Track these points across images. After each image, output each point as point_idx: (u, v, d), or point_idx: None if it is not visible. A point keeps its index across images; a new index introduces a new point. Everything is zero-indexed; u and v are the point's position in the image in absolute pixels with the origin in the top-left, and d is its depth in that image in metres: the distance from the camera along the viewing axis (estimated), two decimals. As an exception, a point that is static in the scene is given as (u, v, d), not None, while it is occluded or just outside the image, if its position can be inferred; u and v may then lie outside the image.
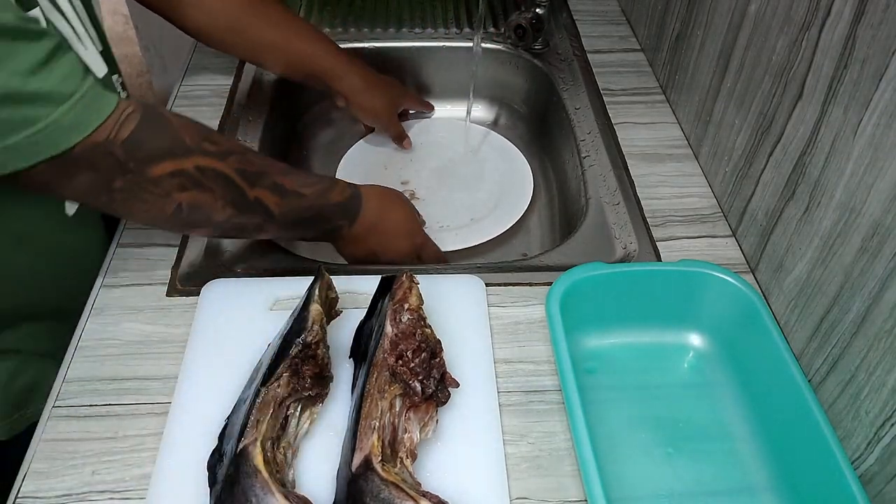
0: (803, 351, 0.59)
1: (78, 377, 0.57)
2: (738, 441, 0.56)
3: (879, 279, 0.49)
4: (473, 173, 0.93)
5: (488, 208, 0.87)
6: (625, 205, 0.74)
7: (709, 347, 0.62)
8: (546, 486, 0.51)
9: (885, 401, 0.49)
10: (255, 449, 0.46)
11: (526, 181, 0.90)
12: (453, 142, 0.97)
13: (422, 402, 0.50)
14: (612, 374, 0.60)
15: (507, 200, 0.87)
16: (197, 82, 0.89)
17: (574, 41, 1.00)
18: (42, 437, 0.53)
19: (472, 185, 0.92)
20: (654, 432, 0.56)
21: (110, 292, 0.63)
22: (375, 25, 1.02)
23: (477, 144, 0.97)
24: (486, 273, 0.66)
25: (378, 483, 0.45)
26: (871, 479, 0.50)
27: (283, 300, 0.61)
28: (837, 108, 0.54)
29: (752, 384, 0.58)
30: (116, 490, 0.50)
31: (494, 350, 0.59)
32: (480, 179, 0.92)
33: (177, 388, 0.55)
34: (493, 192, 0.90)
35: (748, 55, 0.68)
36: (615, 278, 0.60)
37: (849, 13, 0.53)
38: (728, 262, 0.69)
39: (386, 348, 0.51)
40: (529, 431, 0.55)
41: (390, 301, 0.54)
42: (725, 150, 0.73)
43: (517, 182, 0.90)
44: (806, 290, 0.59)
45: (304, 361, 0.51)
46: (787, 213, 0.62)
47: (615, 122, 0.86)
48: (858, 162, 0.52)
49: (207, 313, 0.60)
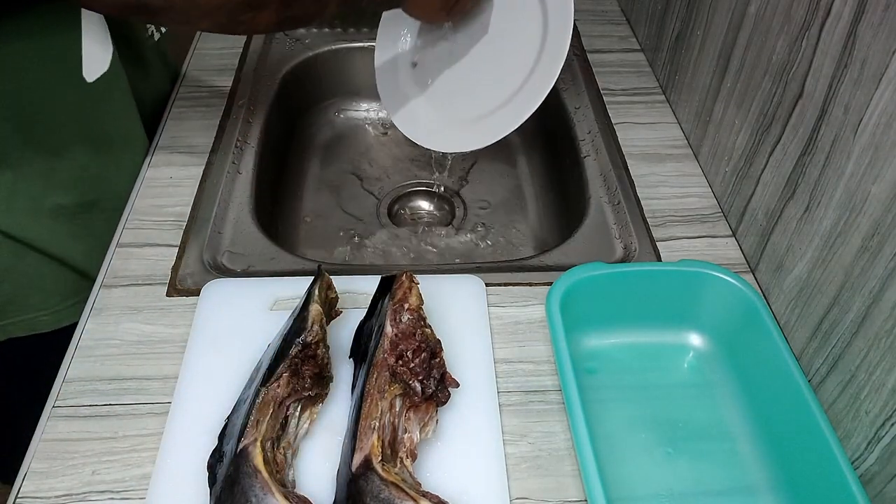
0: (803, 351, 0.59)
1: (78, 377, 0.57)
2: (738, 441, 0.56)
3: (879, 279, 0.49)
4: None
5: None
6: (625, 205, 0.74)
7: (709, 347, 0.62)
8: (546, 486, 0.51)
9: (885, 401, 0.49)
10: (255, 449, 0.46)
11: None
12: None
13: (422, 402, 0.50)
14: (612, 374, 0.60)
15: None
16: (197, 82, 0.89)
17: (574, 41, 1.00)
18: (42, 437, 0.53)
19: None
20: (654, 432, 0.56)
21: (110, 292, 0.63)
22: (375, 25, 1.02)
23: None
24: (486, 273, 0.66)
25: (378, 483, 0.45)
26: (871, 479, 0.50)
27: (283, 300, 0.61)
28: (837, 108, 0.54)
29: (752, 384, 0.58)
30: (116, 490, 0.50)
31: (494, 350, 0.59)
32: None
33: (177, 388, 0.55)
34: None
35: (748, 55, 0.68)
36: (615, 278, 0.60)
37: (849, 13, 0.53)
38: (728, 262, 0.69)
39: (386, 348, 0.51)
40: (529, 431, 0.55)
41: (390, 301, 0.54)
42: (725, 150, 0.73)
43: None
44: (806, 290, 0.59)
45: (304, 361, 0.51)
46: (787, 213, 0.62)
47: (615, 122, 0.86)
48: (858, 162, 0.52)
49: (207, 313, 0.60)
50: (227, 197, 0.74)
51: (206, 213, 0.71)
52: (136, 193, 0.73)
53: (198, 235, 0.69)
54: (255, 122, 0.84)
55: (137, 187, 0.74)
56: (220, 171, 0.76)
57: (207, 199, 0.73)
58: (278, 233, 0.82)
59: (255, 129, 0.83)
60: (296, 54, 0.96)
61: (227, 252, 0.68)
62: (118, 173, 0.73)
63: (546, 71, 0.71)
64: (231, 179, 0.76)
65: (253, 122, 0.84)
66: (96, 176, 0.70)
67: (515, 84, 0.73)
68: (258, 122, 0.84)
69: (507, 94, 0.73)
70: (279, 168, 0.89)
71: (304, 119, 1.00)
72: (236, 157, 0.79)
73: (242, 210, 0.73)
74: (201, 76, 0.90)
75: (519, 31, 0.75)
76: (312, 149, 0.99)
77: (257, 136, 0.82)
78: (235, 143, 0.80)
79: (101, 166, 0.70)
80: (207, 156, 0.78)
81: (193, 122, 0.83)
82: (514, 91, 0.73)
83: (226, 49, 0.95)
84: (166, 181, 0.75)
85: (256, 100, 0.87)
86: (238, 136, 0.81)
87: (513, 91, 0.73)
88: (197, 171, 0.76)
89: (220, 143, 0.80)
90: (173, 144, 0.79)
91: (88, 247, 0.70)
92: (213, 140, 0.80)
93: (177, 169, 0.76)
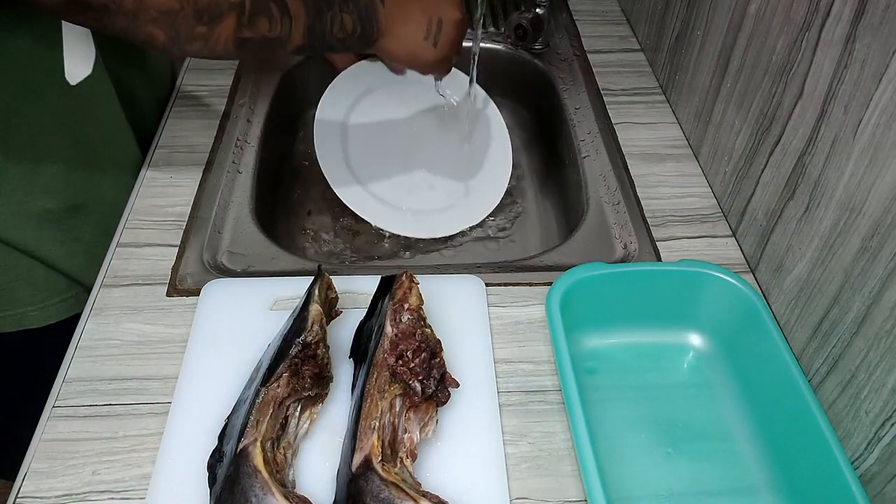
0: (803, 351, 0.59)
1: (78, 377, 0.57)
2: (738, 441, 0.56)
3: (879, 279, 0.49)
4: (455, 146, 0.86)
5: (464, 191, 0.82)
6: (625, 205, 0.74)
7: (709, 347, 0.62)
8: (546, 486, 0.51)
9: (885, 401, 0.49)
10: (255, 449, 0.46)
11: (506, 157, 0.83)
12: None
13: (422, 402, 0.50)
14: (612, 374, 0.60)
15: (486, 180, 0.82)
16: (197, 82, 0.89)
17: (574, 41, 1.00)
18: (42, 437, 0.53)
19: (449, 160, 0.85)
20: (654, 432, 0.56)
21: (110, 292, 0.63)
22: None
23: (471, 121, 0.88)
24: (486, 273, 0.66)
25: (378, 483, 0.45)
26: (871, 479, 0.50)
27: (283, 300, 0.61)
28: (837, 108, 0.54)
29: (752, 384, 0.58)
30: (116, 490, 0.50)
31: (494, 350, 0.59)
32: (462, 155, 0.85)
33: (177, 388, 0.55)
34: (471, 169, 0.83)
35: (748, 55, 0.68)
36: (615, 278, 0.60)
37: (849, 13, 0.53)
38: (728, 262, 0.69)
39: (386, 348, 0.51)
40: (529, 431, 0.55)
41: (390, 301, 0.54)
42: (725, 150, 0.73)
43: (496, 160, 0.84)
44: (806, 290, 0.59)
45: (304, 361, 0.51)
46: (787, 213, 0.62)
47: (615, 122, 0.86)
48: (858, 162, 0.52)
49: (207, 313, 0.60)
50: (227, 197, 0.74)
51: (206, 213, 0.71)
52: (136, 193, 0.73)
53: (198, 235, 0.69)
54: (254, 122, 0.84)
55: (137, 187, 0.74)
56: (220, 171, 0.76)
57: (207, 199, 0.73)
58: (278, 233, 0.82)
59: (255, 129, 0.83)
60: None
61: (227, 252, 0.68)
62: (105, 179, 0.72)
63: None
64: (231, 179, 0.76)
65: (253, 122, 0.84)
66: (82, 181, 0.69)
67: (459, 191, 0.81)
68: (258, 122, 0.84)
69: (451, 200, 0.81)
70: (279, 168, 0.89)
71: (304, 119, 1.00)
72: (236, 157, 0.79)
73: (242, 210, 0.73)
74: (201, 76, 0.90)
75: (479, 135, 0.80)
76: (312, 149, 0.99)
77: (257, 136, 0.82)
78: (235, 143, 0.80)
79: (87, 171, 0.70)
80: (207, 156, 0.78)
81: (193, 122, 0.83)
82: (459, 197, 0.81)
83: (226, 49, 0.95)
84: (166, 181, 0.75)
85: (256, 100, 0.87)
86: (238, 136, 0.81)
87: (457, 197, 0.81)
88: (197, 171, 0.76)
89: (220, 143, 0.80)
90: (173, 144, 0.79)
91: (75, 251, 0.70)
92: (213, 140, 0.80)
93: (177, 169, 0.76)
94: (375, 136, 0.83)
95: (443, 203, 0.81)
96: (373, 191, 0.79)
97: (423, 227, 0.78)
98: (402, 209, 0.79)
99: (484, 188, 0.83)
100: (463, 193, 0.82)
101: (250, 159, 0.79)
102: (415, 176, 0.83)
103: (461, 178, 0.83)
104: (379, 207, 0.78)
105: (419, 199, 0.81)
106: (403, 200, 0.80)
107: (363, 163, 0.80)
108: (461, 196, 0.82)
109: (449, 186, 0.83)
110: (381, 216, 0.77)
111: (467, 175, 0.83)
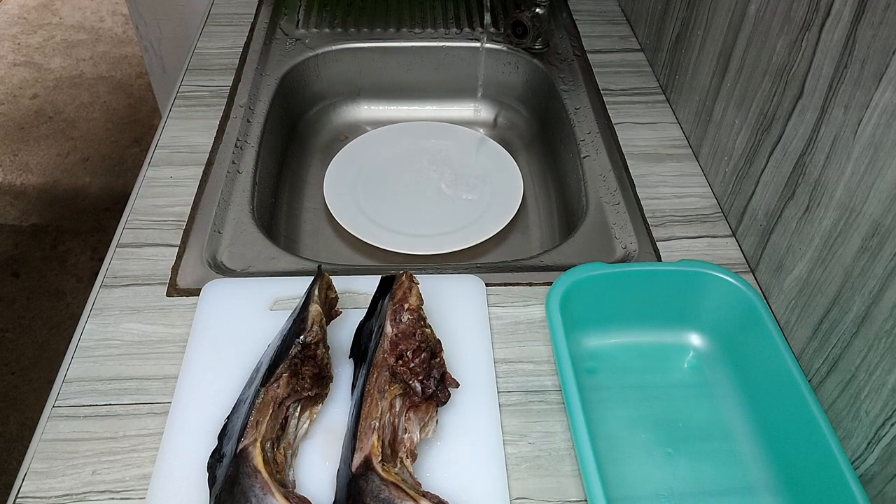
0: (803, 351, 0.59)
1: (78, 377, 0.57)
2: (738, 441, 0.56)
3: (879, 279, 0.49)
4: (465, 176, 0.93)
5: (478, 212, 0.86)
6: (625, 205, 0.74)
7: (709, 347, 0.62)
8: (546, 486, 0.51)
9: (885, 401, 0.49)
10: (254, 449, 0.46)
11: (516, 185, 0.89)
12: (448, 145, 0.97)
13: (422, 402, 0.50)
14: (612, 374, 0.60)
15: (498, 203, 0.87)
16: (197, 82, 0.89)
17: (574, 41, 1.00)
18: (42, 437, 0.53)
19: (462, 187, 0.91)
20: (654, 432, 0.56)
21: (110, 292, 0.63)
22: (375, 25, 1.02)
23: (472, 150, 0.96)
24: (486, 273, 0.66)
25: (378, 483, 0.45)
26: (871, 479, 0.50)
27: (283, 300, 0.61)
28: (837, 108, 0.54)
29: (752, 384, 0.58)
30: (116, 490, 0.50)
31: (494, 350, 0.59)
32: (472, 183, 0.92)
33: (177, 388, 0.55)
34: (483, 195, 0.89)
35: (748, 55, 0.68)
36: (615, 278, 0.60)
37: (849, 13, 0.53)
38: (728, 262, 0.69)
39: (386, 348, 0.51)
40: (529, 431, 0.55)
41: (390, 301, 0.54)
42: (725, 150, 0.73)
43: (508, 186, 0.89)
44: (806, 290, 0.59)
45: (304, 362, 0.51)
46: (787, 213, 0.62)
47: (615, 122, 0.86)
48: (858, 162, 0.52)
49: (207, 313, 0.60)
50: (227, 197, 0.74)
51: (206, 212, 0.71)
52: (136, 193, 0.73)
53: (198, 235, 0.69)
54: (254, 122, 0.84)
55: (137, 187, 0.74)
56: (220, 171, 0.76)
57: (207, 199, 0.73)
58: (278, 233, 0.82)
59: (255, 129, 0.83)
60: (296, 54, 0.96)
61: (227, 252, 0.68)
62: None
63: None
64: (231, 179, 0.76)
65: (253, 122, 0.84)
66: None
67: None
68: (258, 122, 0.84)
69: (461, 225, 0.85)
70: (279, 168, 0.89)
71: (304, 119, 1.00)
72: (236, 157, 0.79)
73: (242, 210, 0.73)
74: (201, 76, 0.90)
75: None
76: (312, 149, 0.99)
77: (257, 136, 0.82)
78: (235, 143, 0.80)
79: None
80: (207, 156, 0.78)
81: (193, 122, 0.83)
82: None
83: (226, 49, 0.95)
84: (166, 181, 0.75)
85: (256, 100, 0.87)
86: (238, 136, 0.81)
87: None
88: (197, 171, 0.76)
89: (220, 143, 0.80)
90: (173, 144, 0.80)
91: None
92: (213, 140, 0.80)
93: (177, 169, 0.76)
94: (384, 179, 0.92)
95: (451, 228, 0.85)
96: (383, 224, 0.84)
97: (431, 245, 0.81)
98: (411, 234, 0.83)
99: (495, 212, 0.86)
100: (474, 219, 0.86)
101: (250, 159, 0.79)
102: (421, 209, 0.88)
103: (471, 213, 0.88)
104: (389, 235, 0.82)
105: (429, 225, 0.86)
106: (414, 228, 0.85)
107: (375, 206, 0.86)
108: (471, 222, 0.86)
109: (459, 219, 0.87)
110: (391, 241, 0.81)
111: (477, 210, 0.88)
